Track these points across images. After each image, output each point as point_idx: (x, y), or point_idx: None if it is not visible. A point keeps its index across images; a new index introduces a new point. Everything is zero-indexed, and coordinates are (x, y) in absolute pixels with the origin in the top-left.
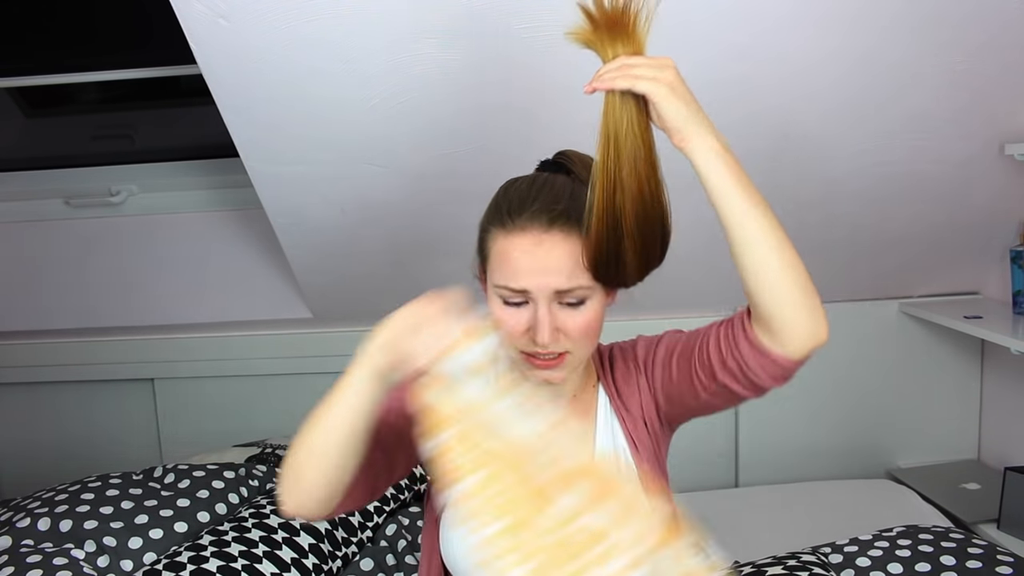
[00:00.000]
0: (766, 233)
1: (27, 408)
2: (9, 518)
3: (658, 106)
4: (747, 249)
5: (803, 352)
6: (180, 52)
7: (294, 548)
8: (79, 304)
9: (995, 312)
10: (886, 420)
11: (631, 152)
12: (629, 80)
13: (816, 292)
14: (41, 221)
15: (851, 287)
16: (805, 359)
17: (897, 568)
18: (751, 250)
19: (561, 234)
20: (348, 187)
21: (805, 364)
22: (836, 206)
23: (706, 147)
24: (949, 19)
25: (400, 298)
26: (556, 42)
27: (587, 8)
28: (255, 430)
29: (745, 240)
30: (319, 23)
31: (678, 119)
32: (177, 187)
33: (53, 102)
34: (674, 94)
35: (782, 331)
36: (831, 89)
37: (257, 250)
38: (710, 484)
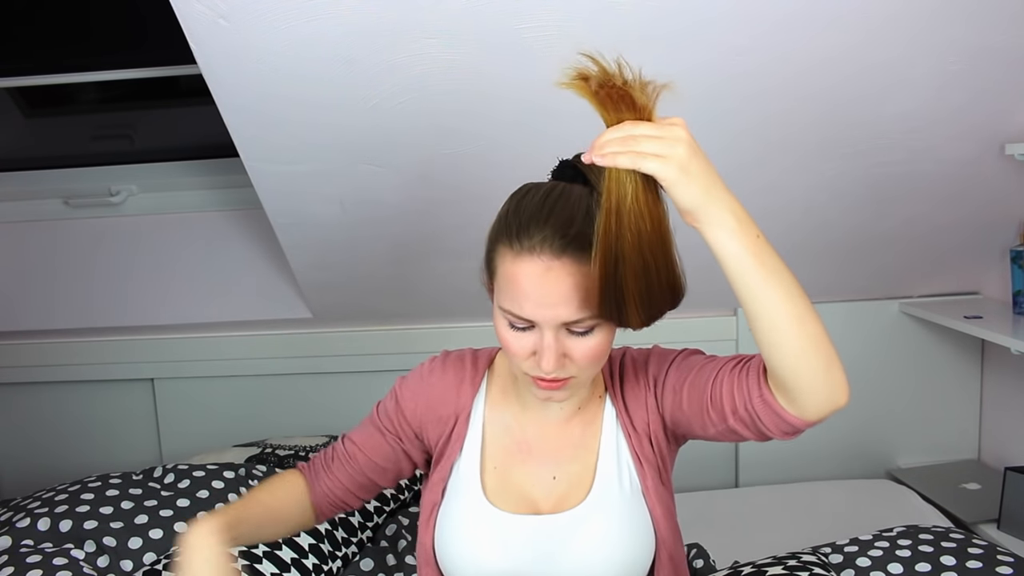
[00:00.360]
0: (785, 306)
1: (27, 408)
2: (9, 518)
3: (668, 190)
4: (763, 323)
5: (819, 416)
6: (180, 52)
7: (294, 548)
8: (79, 304)
9: (995, 312)
10: (886, 420)
11: (635, 228)
12: (633, 158)
13: (836, 357)
14: (41, 221)
15: (851, 287)
16: (820, 421)
17: (897, 568)
18: (767, 324)
19: (573, 262)
20: (348, 187)
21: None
22: (836, 206)
23: (720, 228)
24: (947, 19)
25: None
26: (557, 42)
27: (584, 72)
28: (255, 430)
29: (761, 314)
30: (319, 23)
31: (691, 203)
32: (177, 187)
33: (53, 102)
34: (686, 176)
35: (799, 398)
36: (830, 90)
37: (257, 250)
38: (710, 484)
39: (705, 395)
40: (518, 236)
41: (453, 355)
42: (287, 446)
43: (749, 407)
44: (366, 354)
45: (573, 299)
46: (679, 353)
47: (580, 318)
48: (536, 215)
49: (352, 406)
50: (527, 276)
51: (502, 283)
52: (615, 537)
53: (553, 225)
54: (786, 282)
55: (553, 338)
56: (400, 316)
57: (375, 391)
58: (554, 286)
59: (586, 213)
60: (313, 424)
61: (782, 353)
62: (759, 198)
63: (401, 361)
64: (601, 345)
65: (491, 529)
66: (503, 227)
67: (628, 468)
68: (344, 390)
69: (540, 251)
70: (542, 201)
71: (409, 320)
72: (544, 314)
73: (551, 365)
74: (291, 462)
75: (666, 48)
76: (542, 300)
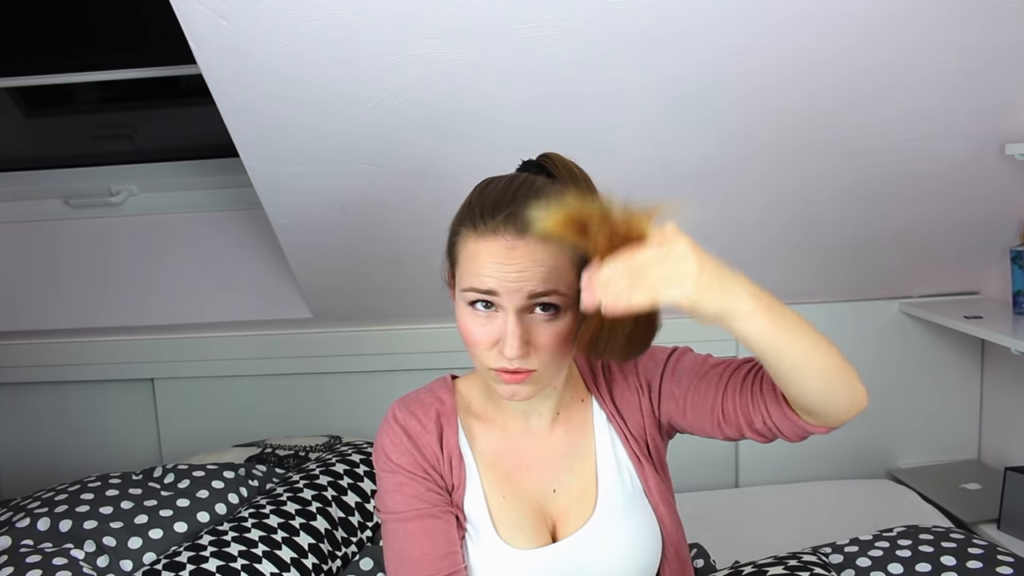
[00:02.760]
0: (807, 354)
1: (27, 408)
2: (9, 518)
3: (689, 309)
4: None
5: (845, 422)
6: (180, 52)
7: (294, 548)
8: (79, 304)
9: (995, 312)
10: (886, 420)
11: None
12: (649, 293)
13: (853, 372)
14: (41, 221)
15: (851, 287)
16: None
17: (897, 568)
18: (792, 372)
19: (537, 242)
20: (348, 187)
21: None
22: (835, 206)
23: (742, 318)
24: (946, 19)
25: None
26: (557, 41)
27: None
28: (255, 430)
29: (784, 366)
30: (319, 23)
31: (714, 312)
32: (177, 187)
33: (53, 102)
34: (703, 288)
35: (825, 415)
36: (829, 90)
37: (257, 250)
38: (710, 484)
39: (715, 411)
40: (481, 218)
41: (409, 400)
42: (287, 446)
43: (769, 423)
44: (366, 354)
45: (537, 273)
46: (670, 355)
47: (547, 290)
48: (500, 199)
49: (352, 406)
50: (490, 253)
51: (464, 264)
52: (626, 545)
53: (518, 203)
54: (802, 331)
55: (516, 322)
56: (400, 316)
57: (375, 391)
58: (517, 262)
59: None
60: (313, 424)
61: (808, 390)
62: (758, 198)
63: (401, 361)
64: (564, 332)
65: (511, 571)
66: (466, 213)
67: (628, 471)
68: (344, 390)
69: (504, 231)
70: (505, 188)
71: (409, 320)
72: (509, 287)
73: (514, 351)
74: (291, 462)
75: (666, 48)
76: (506, 274)
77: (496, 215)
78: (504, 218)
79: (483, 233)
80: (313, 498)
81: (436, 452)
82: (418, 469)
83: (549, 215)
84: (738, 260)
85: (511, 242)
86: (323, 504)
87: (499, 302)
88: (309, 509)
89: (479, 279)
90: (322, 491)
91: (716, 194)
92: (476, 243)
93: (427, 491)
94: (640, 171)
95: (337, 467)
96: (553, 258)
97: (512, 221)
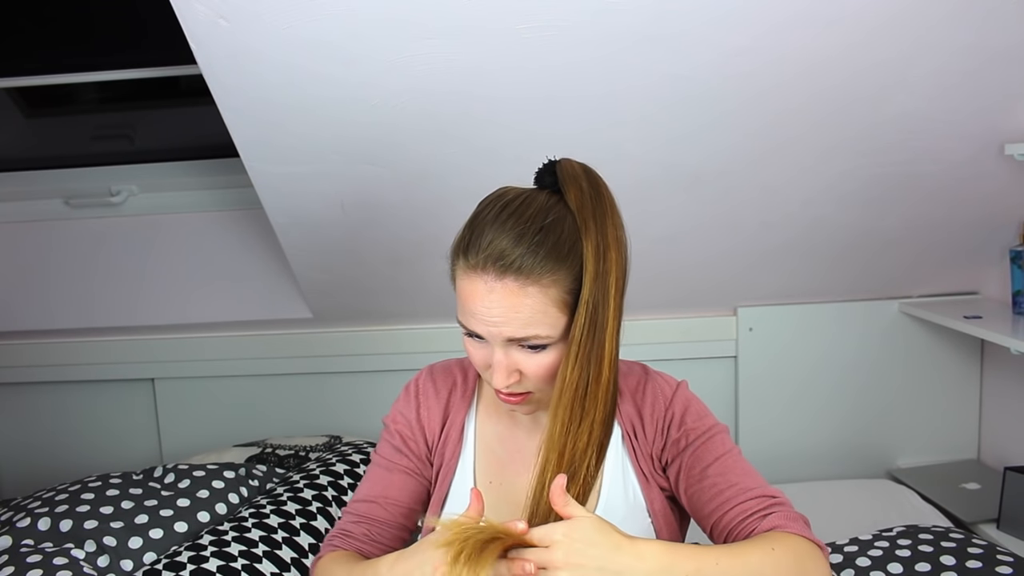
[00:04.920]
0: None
1: (27, 408)
2: (9, 518)
3: None
4: None
5: None
6: (180, 52)
7: (294, 548)
8: (79, 304)
9: (995, 312)
10: (886, 420)
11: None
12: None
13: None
14: (41, 221)
15: (851, 287)
16: None
17: (897, 568)
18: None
19: (516, 284)
20: (349, 187)
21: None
22: (835, 206)
23: None
24: (947, 19)
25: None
26: (557, 41)
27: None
28: (255, 430)
29: None
30: (319, 23)
31: None
32: (177, 187)
33: (52, 102)
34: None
35: None
36: (830, 90)
37: (257, 250)
38: None
39: (708, 521)
40: (468, 250)
41: (439, 368)
42: (287, 446)
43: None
44: (366, 354)
45: (516, 318)
46: (707, 430)
47: (525, 336)
48: (487, 231)
49: (352, 406)
50: (473, 293)
51: (458, 295)
52: None
53: (498, 245)
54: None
55: (503, 354)
56: (400, 316)
57: (375, 391)
58: (496, 306)
59: (540, 229)
60: (313, 424)
61: None
62: (759, 198)
63: (401, 361)
64: (554, 363)
65: None
66: (461, 237)
67: (632, 487)
68: (344, 390)
69: (483, 270)
70: (495, 216)
71: (409, 320)
72: (489, 331)
73: (501, 381)
74: (291, 462)
75: (666, 49)
76: (486, 317)
77: (480, 252)
78: (485, 257)
79: (468, 269)
80: (313, 498)
81: (436, 426)
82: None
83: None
84: (738, 260)
85: (490, 284)
86: (323, 504)
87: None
88: (309, 509)
89: (466, 318)
90: (322, 491)
91: (717, 194)
92: (464, 278)
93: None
94: (641, 172)
95: (337, 467)
96: (532, 303)
97: (492, 260)
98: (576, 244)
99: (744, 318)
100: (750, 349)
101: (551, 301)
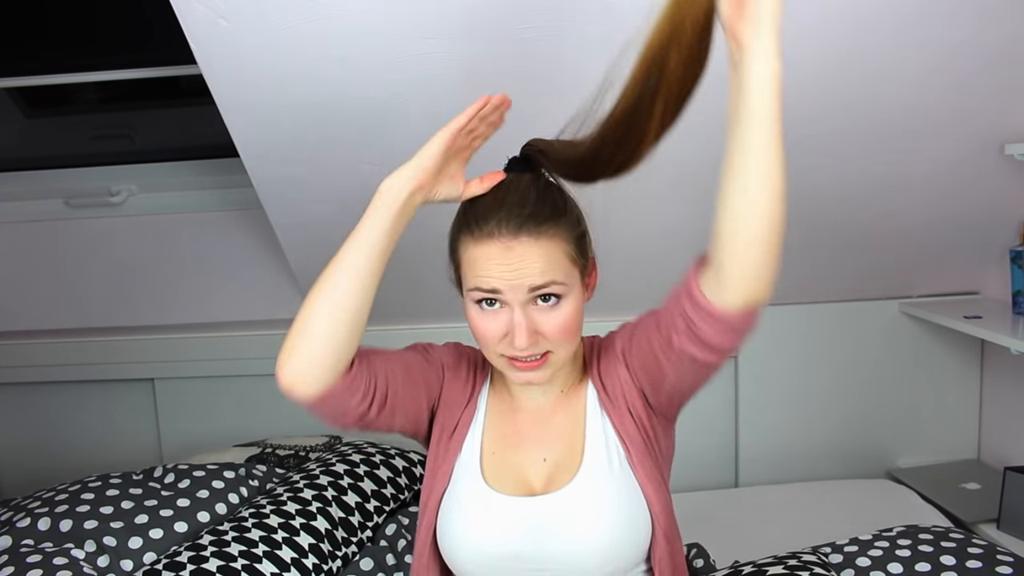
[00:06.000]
0: (776, 165)
1: (27, 408)
2: (9, 518)
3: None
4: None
5: (739, 303)
6: (180, 52)
7: (294, 548)
8: (79, 304)
9: (995, 312)
10: (886, 420)
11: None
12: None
13: (778, 248)
14: (41, 221)
15: (851, 287)
16: (745, 315)
17: (897, 568)
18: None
19: (530, 238)
20: (348, 187)
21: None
22: (835, 206)
23: (768, 60)
24: (947, 19)
25: (400, 298)
26: (558, 42)
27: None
28: (255, 430)
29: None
30: (319, 23)
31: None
32: (177, 187)
33: (53, 102)
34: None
35: (728, 281)
36: (829, 90)
37: (257, 250)
38: (710, 484)
39: (660, 329)
40: (477, 224)
41: (466, 346)
42: (287, 446)
43: (682, 309)
44: None
45: (536, 266)
46: (639, 317)
47: (545, 283)
48: (491, 204)
49: None
50: (489, 256)
51: (467, 267)
52: (606, 513)
53: (507, 209)
54: (781, 138)
55: (522, 314)
56: (400, 316)
57: None
58: (516, 261)
59: (537, 197)
60: (313, 424)
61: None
62: None
63: None
64: (571, 316)
65: (489, 510)
66: (461, 221)
67: (615, 447)
68: None
69: (498, 234)
70: (493, 192)
71: (409, 320)
72: (511, 283)
73: (523, 341)
74: (291, 462)
75: None
76: (506, 273)
77: (489, 221)
78: (497, 222)
79: (479, 238)
80: (313, 498)
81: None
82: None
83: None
84: None
85: (506, 243)
86: (323, 504)
87: (503, 299)
88: (309, 509)
89: (482, 280)
90: (322, 491)
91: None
92: (475, 248)
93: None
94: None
95: (337, 467)
96: (547, 252)
97: (504, 224)
98: (568, 203)
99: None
100: (750, 349)
101: (561, 251)
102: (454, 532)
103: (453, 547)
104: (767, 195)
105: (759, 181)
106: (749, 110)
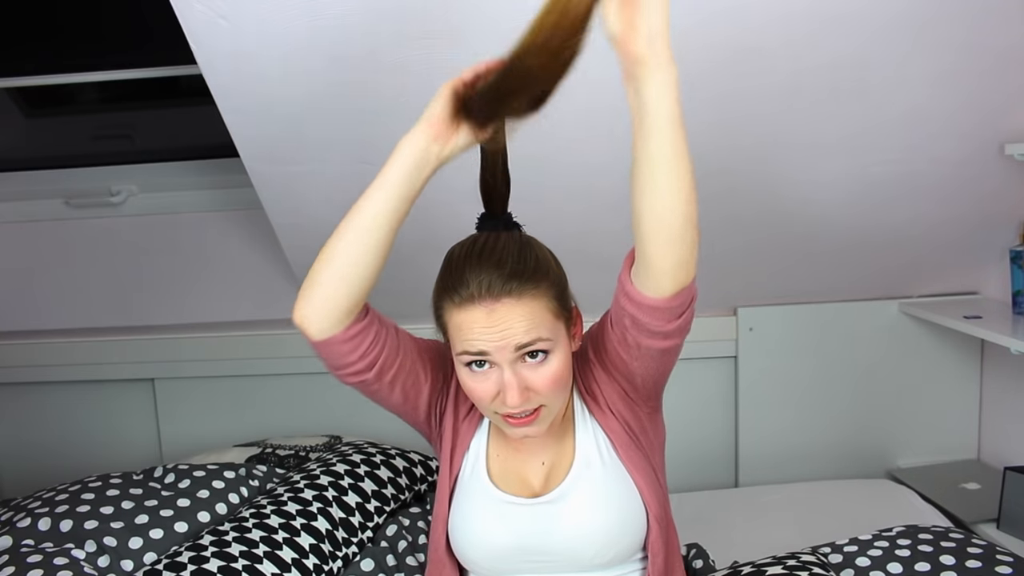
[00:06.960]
0: (685, 166)
1: (27, 408)
2: (9, 518)
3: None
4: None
5: (671, 290)
6: (180, 52)
7: (295, 548)
8: (79, 304)
9: (995, 312)
10: (886, 420)
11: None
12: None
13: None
14: (41, 221)
15: (851, 287)
16: (680, 295)
17: (897, 568)
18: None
19: (511, 298)
20: (348, 187)
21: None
22: (835, 206)
23: (667, 68)
24: (947, 19)
25: (400, 298)
26: None
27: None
28: (255, 430)
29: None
30: (319, 23)
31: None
32: (177, 187)
33: (53, 102)
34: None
35: (656, 265)
36: (829, 90)
37: (257, 250)
38: (710, 484)
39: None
40: (456, 289)
41: None
42: (287, 446)
43: (624, 309)
44: None
45: (520, 325)
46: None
47: (531, 340)
48: (469, 267)
49: (352, 406)
50: (473, 321)
51: (453, 332)
52: (599, 504)
53: (487, 271)
54: (685, 137)
55: (512, 373)
56: (400, 316)
57: None
58: (500, 322)
59: (517, 255)
60: (313, 424)
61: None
62: (759, 198)
63: None
64: (560, 369)
65: (497, 509)
66: (442, 287)
67: (604, 443)
68: (344, 390)
69: (480, 297)
70: (467, 256)
71: (409, 320)
72: (497, 345)
73: (515, 399)
74: (291, 462)
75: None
76: (492, 335)
77: (469, 285)
78: (477, 286)
79: (462, 304)
80: (314, 498)
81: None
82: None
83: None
84: (738, 259)
85: (489, 306)
86: (324, 504)
87: (491, 359)
88: (310, 509)
89: (469, 343)
90: (323, 491)
91: (717, 194)
92: (459, 313)
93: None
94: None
95: (338, 467)
96: (530, 310)
97: (485, 287)
98: (546, 258)
99: (744, 318)
100: (750, 349)
101: (544, 308)
102: (465, 529)
103: (464, 544)
104: (679, 195)
105: (669, 183)
106: (653, 118)
